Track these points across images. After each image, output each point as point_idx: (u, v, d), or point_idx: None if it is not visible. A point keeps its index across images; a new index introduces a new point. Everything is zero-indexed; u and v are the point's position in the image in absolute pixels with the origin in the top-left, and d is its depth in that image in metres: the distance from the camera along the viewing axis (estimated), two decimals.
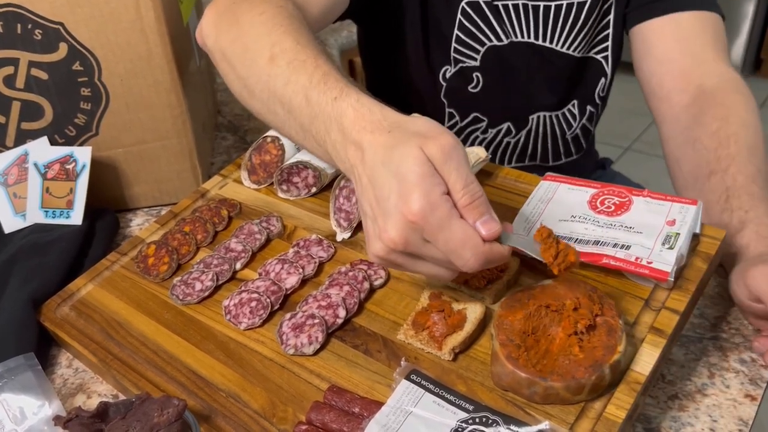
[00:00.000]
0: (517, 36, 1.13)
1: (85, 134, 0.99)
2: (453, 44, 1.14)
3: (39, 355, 0.78)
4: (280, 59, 0.72)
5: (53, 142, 0.98)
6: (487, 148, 1.26)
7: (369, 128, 0.62)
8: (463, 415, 0.61)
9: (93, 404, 0.66)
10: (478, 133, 1.25)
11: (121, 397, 0.75)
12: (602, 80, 1.20)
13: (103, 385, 0.77)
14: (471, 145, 1.10)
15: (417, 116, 0.87)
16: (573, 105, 1.23)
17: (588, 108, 1.25)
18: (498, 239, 0.61)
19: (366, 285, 0.76)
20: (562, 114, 1.24)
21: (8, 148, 0.98)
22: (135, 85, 0.96)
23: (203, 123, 1.13)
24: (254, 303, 0.76)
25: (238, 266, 0.83)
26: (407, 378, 0.64)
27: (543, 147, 1.28)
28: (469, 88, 1.19)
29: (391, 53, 1.23)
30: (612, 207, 0.78)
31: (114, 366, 0.74)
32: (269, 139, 0.93)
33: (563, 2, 1.09)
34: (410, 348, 0.70)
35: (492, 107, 1.21)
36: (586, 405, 0.62)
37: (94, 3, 0.89)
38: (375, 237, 0.61)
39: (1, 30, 0.90)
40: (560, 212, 0.80)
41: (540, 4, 1.09)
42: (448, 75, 1.17)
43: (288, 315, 0.74)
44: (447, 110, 1.22)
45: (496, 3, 1.08)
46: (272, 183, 0.93)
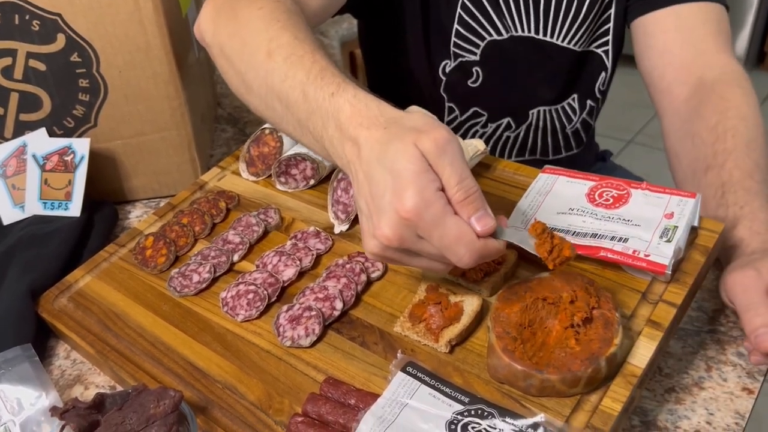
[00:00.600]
0: (518, 30, 1.12)
1: (84, 126, 0.99)
2: (453, 38, 1.13)
3: (37, 346, 0.78)
4: (278, 55, 0.72)
5: (52, 134, 0.98)
6: (487, 143, 1.26)
7: (365, 124, 0.62)
8: (459, 408, 0.61)
9: (90, 395, 0.66)
10: (478, 128, 1.25)
11: (119, 389, 0.75)
12: (603, 74, 1.20)
13: (101, 377, 0.77)
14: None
15: (415, 109, 0.87)
16: (573, 99, 1.23)
17: (588, 102, 1.24)
18: (493, 234, 0.61)
19: (363, 277, 0.76)
20: (562, 108, 1.23)
21: (6, 140, 0.98)
22: (133, 77, 0.96)
23: (202, 115, 1.13)
24: (251, 295, 0.76)
25: (236, 258, 0.83)
26: (403, 370, 0.64)
27: (543, 141, 1.28)
28: (469, 83, 1.19)
29: (391, 47, 1.23)
30: (610, 200, 0.78)
31: (111, 357, 0.74)
32: (268, 131, 0.93)
33: None
34: (407, 340, 0.70)
35: (492, 102, 1.21)
36: (582, 398, 0.62)
37: None
38: (370, 234, 0.61)
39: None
40: (558, 205, 0.79)
41: None
42: (448, 69, 1.17)
43: (285, 307, 0.74)
44: (447, 104, 1.22)
45: None
46: (270, 175, 0.93)
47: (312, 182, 0.91)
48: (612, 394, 0.61)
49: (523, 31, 1.12)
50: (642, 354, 0.64)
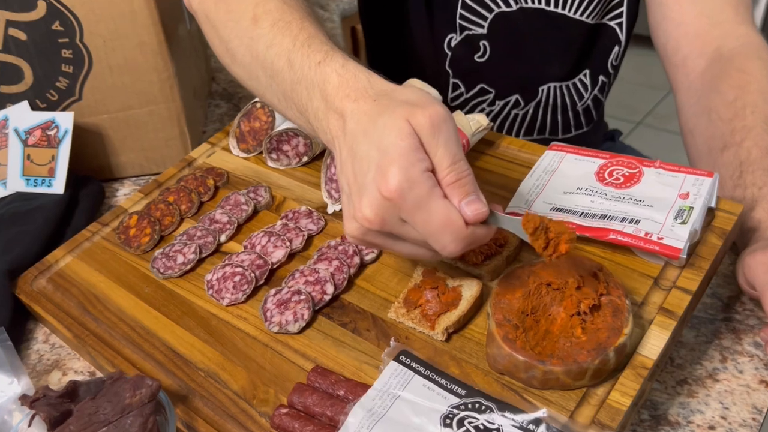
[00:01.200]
0: (527, 1, 1.07)
1: (68, 99, 0.94)
2: (458, 10, 1.08)
3: (14, 329, 0.74)
4: (264, 20, 0.67)
5: (34, 107, 0.94)
6: (494, 121, 1.20)
7: (353, 96, 0.57)
8: (455, 401, 0.56)
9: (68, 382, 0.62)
10: (485, 105, 1.20)
11: (98, 375, 0.71)
12: (616, 48, 1.14)
13: (80, 362, 0.73)
14: None
15: (415, 83, 0.82)
16: (585, 75, 1.17)
17: (600, 78, 1.19)
18: (485, 222, 0.56)
19: (356, 260, 0.72)
20: (573, 84, 1.18)
21: None
22: (119, 47, 0.91)
23: (194, 89, 1.08)
24: (238, 277, 0.72)
25: (223, 239, 0.78)
26: (396, 359, 0.60)
27: (552, 119, 1.22)
28: (476, 58, 1.13)
29: (393, 20, 1.17)
30: (621, 179, 0.73)
31: (89, 342, 0.70)
32: (259, 105, 0.88)
33: None
34: (401, 327, 0.66)
35: (500, 78, 1.15)
36: (588, 391, 0.58)
37: None
38: (350, 215, 0.56)
39: None
40: (565, 184, 0.74)
41: None
42: (453, 43, 1.12)
43: (273, 291, 0.70)
44: (452, 81, 1.17)
45: None
46: (262, 151, 0.88)
47: (305, 159, 0.87)
48: (620, 388, 0.57)
49: (533, 3, 1.06)
50: (653, 344, 0.59)
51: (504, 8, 1.07)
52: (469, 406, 0.56)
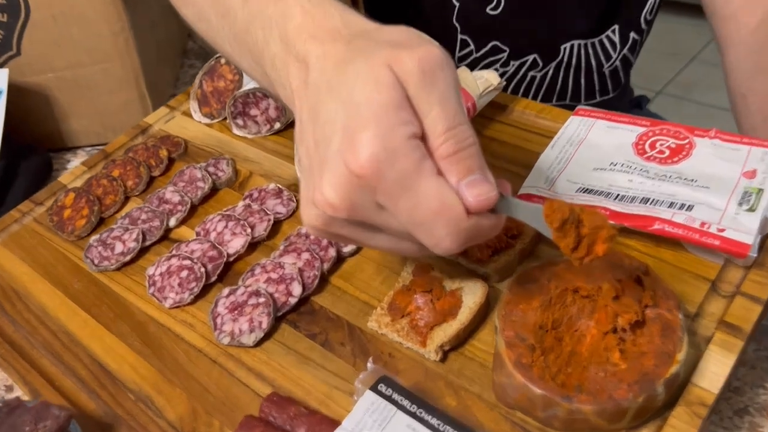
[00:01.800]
0: None
1: (4, 54, 0.80)
2: None
3: None
4: None
5: None
6: (509, 83, 1.06)
7: (320, 37, 0.42)
8: None
9: None
10: (498, 66, 1.05)
11: (16, 391, 0.58)
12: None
13: None
14: None
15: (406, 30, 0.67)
16: (613, 31, 1.02)
17: (631, 35, 1.03)
18: (492, 208, 0.41)
19: (332, 252, 0.57)
20: (600, 42, 1.03)
21: None
22: None
23: (158, 44, 0.93)
24: (185, 272, 0.58)
25: (172, 223, 0.64)
26: (374, 388, 0.46)
27: (575, 83, 1.07)
28: (488, 10, 0.98)
29: None
30: (666, 152, 0.58)
31: (1, 352, 0.57)
32: (224, 60, 0.74)
33: None
34: (384, 341, 0.52)
35: (515, 34, 1.00)
36: None
37: None
38: (308, 199, 0.41)
39: None
40: (595, 158, 0.60)
41: None
42: None
43: (226, 290, 0.56)
44: (460, 37, 1.02)
45: None
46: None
47: (277, 126, 0.72)
48: (671, 431, 0.42)
49: None
50: (714, 372, 0.45)
51: None
52: None
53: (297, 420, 0.46)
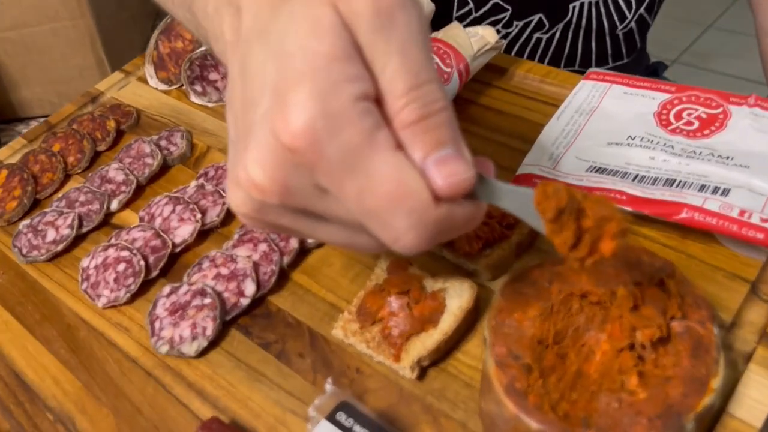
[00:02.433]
0: None
1: None
2: None
3: None
4: None
5: None
6: (511, 47, 0.96)
7: None
8: None
9: None
10: (500, 27, 0.95)
11: None
12: None
13: None
14: None
15: None
16: None
17: None
18: (471, 193, 0.31)
19: (294, 243, 0.48)
20: (613, 1, 0.93)
21: None
22: None
23: (120, 3, 0.84)
24: (122, 266, 0.49)
25: (114, 206, 0.55)
26: (331, 418, 0.37)
27: (585, 46, 0.97)
28: None
29: None
30: (696, 123, 0.49)
31: None
32: None
33: None
34: (352, 352, 0.43)
35: None
36: None
37: None
38: (233, 178, 0.32)
39: None
40: (610, 131, 0.50)
41: None
42: None
43: (167, 288, 0.47)
44: None
45: None
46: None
47: None
48: None
49: None
50: (755, 399, 0.36)
51: None
52: None
53: None
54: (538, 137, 0.52)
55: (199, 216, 0.51)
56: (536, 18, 0.93)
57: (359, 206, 0.30)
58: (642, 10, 0.96)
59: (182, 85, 0.65)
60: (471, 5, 0.93)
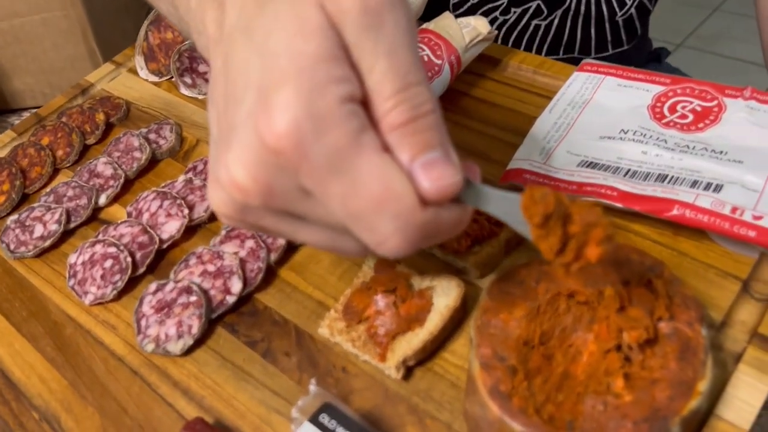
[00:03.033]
0: None
1: None
2: None
3: None
4: None
5: None
6: (509, 34, 0.94)
7: None
8: None
9: None
10: (497, 14, 0.93)
11: None
12: None
13: None
14: None
15: None
16: None
17: None
18: (458, 197, 0.31)
19: (281, 240, 0.48)
20: None
21: None
22: None
23: None
24: (109, 262, 0.49)
25: (103, 200, 0.55)
26: (314, 419, 0.37)
27: (584, 33, 0.96)
28: None
29: None
30: (690, 116, 0.48)
31: None
32: None
33: None
34: (338, 351, 0.42)
35: None
36: None
37: None
38: (214, 178, 0.32)
39: None
40: (603, 124, 0.49)
41: None
42: None
43: (154, 285, 0.47)
44: None
45: None
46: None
47: None
48: None
49: None
50: (744, 401, 0.36)
51: None
52: None
53: None
54: (530, 131, 0.51)
55: (187, 212, 0.51)
56: (534, 4, 0.92)
57: (344, 209, 0.29)
58: None
59: (172, 77, 0.65)
60: None
